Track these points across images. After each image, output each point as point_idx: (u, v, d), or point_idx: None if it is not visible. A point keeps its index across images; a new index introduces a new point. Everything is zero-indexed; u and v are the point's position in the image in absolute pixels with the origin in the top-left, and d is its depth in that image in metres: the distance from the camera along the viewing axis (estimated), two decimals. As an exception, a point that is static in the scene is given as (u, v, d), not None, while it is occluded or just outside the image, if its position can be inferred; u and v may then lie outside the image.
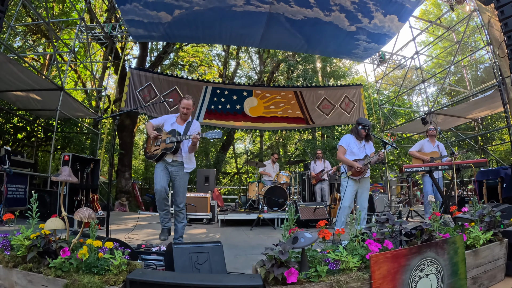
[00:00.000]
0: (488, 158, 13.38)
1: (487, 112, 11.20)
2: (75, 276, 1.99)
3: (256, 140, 24.68)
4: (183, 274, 2.45)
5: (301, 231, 2.13)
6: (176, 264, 2.60)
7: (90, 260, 2.07)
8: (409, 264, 2.24)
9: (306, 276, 1.97)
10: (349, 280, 1.99)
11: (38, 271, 2.08)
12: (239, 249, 4.77)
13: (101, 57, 16.88)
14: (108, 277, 2.01)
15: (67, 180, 2.81)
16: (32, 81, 8.23)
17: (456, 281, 2.49)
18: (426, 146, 6.30)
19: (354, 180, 4.81)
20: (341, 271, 2.07)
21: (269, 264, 1.95)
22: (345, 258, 2.09)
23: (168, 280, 1.95)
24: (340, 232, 2.44)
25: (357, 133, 5.01)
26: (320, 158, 9.24)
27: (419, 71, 12.31)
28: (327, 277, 1.98)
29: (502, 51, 7.90)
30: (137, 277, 1.99)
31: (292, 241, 2.07)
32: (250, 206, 8.52)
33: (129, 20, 9.73)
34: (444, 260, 2.45)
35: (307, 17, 9.42)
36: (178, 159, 4.34)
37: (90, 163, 7.80)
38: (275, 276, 1.90)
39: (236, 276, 2.23)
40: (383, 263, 2.12)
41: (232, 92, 12.60)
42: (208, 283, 1.93)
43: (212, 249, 2.81)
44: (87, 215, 2.39)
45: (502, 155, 16.66)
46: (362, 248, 2.31)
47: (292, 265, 1.93)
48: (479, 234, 2.89)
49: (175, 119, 4.54)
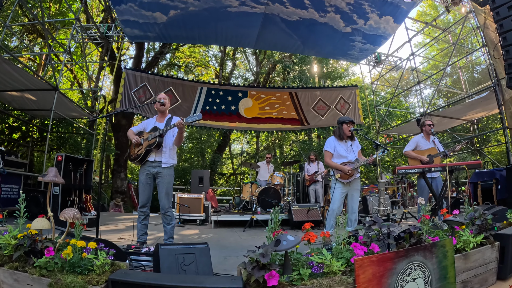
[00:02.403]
0: (484, 160, 13.38)
1: (483, 113, 11.21)
2: (59, 276, 2.02)
3: (253, 141, 24.67)
4: (165, 275, 2.45)
5: (284, 234, 2.10)
6: (162, 265, 2.61)
7: (74, 260, 2.10)
8: (395, 268, 2.20)
9: (288, 279, 1.94)
10: (332, 284, 1.95)
11: (24, 270, 2.11)
12: (230, 250, 4.73)
13: (98, 57, 16.83)
14: (91, 277, 2.03)
15: (53, 181, 2.82)
16: (27, 81, 8.19)
17: (445, 285, 2.46)
18: (421, 143, 5.94)
19: (342, 183, 4.72)
20: (324, 274, 2.03)
21: (250, 267, 1.94)
22: (328, 262, 2.06)
23: (149, 281, 1.96)
24: (325, 235, 2.40)
25: (339, 133, 4.91)
26: (314, 160, 9.20)
27: (415, 72, 12.31)
28: (309, 281, 1.95)
29: (498, 52, 7.85)
30: (119, 277, 2.00)
31: (274, 244, 2.04)
32: (244, 207, 8.48)
33: (124, 20, 9.69)
34: (432, 264, 2.41)
35: (302, 18, 9.40)
36: (159, 159, 4.27)
37: (83, 164, 7.73)
38: (256, 279, 1.88)
39: (217, 278, 2.25)
40: (368, 266, 2.08)
41: (227, 93, 12.57)
42: (189, 284, 1.93)
43: (198, 250, 2.82)
44: (72, 215, 2.43)
45: (498, 156, 16.68)
46: (348, 252, 2.28)
47: (274, 268, 1.91)
48: (469, 237, 2.85)
49: (155, 119, 4.52)
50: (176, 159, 4.51)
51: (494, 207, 4.57)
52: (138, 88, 11.31)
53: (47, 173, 2.87)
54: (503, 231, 3.32)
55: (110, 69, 14.83)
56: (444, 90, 17.63)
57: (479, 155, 13.30)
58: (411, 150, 5.93)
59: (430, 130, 5.96)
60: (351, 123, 4.89)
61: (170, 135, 4.34)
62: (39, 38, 14.77)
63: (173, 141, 4.36)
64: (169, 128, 4.16)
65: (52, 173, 2.86)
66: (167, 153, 4.31)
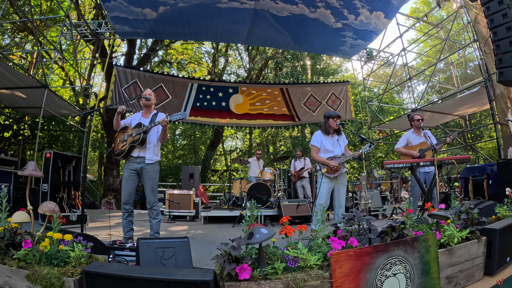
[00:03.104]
0: (476, 155, 13.44)
1: (474, 109, 11.24)
2: (36, 267, 2.07)
3: (246, 137, 24.64)
4: (137, 267, 2.53)
5: (258, 227, 2.07)
6: (141, 259, 2.63)
7: (50, 252, 2.16)
8: (374, 262, 2.17)
9: (262, 273, 1.90)
10: (307, 278, 1.92)
11: (3, 262, 2.18)
12: (216, 245, 4.67)
13: (90, 54, 16.70)
14: (66, 268, 2.07)
15: (32, 175, 2.93)
16: (17, 79, 8.14)
17: (428, 281, 2.42)
18: (412, 139, 5.91)
19: (329, 178, 4.67)
20: (300, 268, 2.00)
21: (222, 260, 1.93)
22: (303, 256, 2.02)
23: (121, 272, 2.00)
24: (302, 229, 2.37)
25: (326, 128, 4.88)
26: (301, 157, 9.19)
27: (408, 68, 12.31)
28: (284, 275, 1.92)
29: (489, 47, 7.87)
30: (92, 269, 2.04)
31: (248, 236, 2.01)
32: (234, 203, 8.48)
33: (114, 17, 9.60)
34: (414, 259, 2.38)
35: (292, 14, 9.35)
36: (143, 154, 4.25)
37: (72, 161, 7.70)
38: (229, 272, 1.86)
39: (189, 271, 2.26)
40: (345, 261, 2.05)
41: (218, 89, 12.52)
42: (158, 276, 1.95)
43: (178, 245, 2.82)
44: (50, 208, 2.49)
45: (491, 152, 16.75)
46: (326, 246, 2.24)
47: (246, 261, 1.88)
48: (454, 232, 2.80)
49: (141, 115, 4.49)
50: (159, 156, 4.50)
51: (484, 202, 4.56)
52: (129, 85, 11.22)
53: (26, 167, 2.93)
54: (490, 226, 3.25)
55: (101, 66, 14.72)
56: (437, 86, 17.68)
57: (471, 150, 13.35)
58: (402, 146, 5.90)
59: (420, 125, 5.92)
60: (337, 117, 4.86)
61: (154, 132, 4.33)
62: (30, 35, 14.62)
63: (157, 138, 4.34)
64: (153, 125, 4.13)
65: (31, 167, 2.93)
66: (151, 149, 4.29)
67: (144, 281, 1.93)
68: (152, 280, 1.93)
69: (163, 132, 4.25)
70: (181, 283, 1.91)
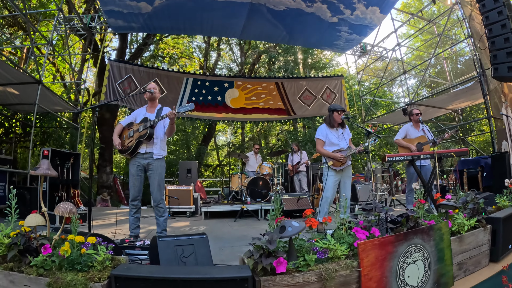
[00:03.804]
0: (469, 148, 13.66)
1: (467, 103, 11.41)
2: (58, 274, 1.90)
3: (238, 132, 24.61)
4: (169, 267, 2.38)
5: (288, 220, 2.09)
6: (161, 258, 2.53)
7: (72, 256, 1.99)
8: (396, 251, 2.24)
9: (294, 266, 1.94)
10: (338, 268, 1.97)
11: (20, 270, 1.98)
12: (224, 241, 4.72)
13: (80, 49, 16.46)
14: (92, 273, 1.92)
15: (46, 174, 2.67)
16: (9, 74, 7.91)
17: (443, 267, 2.51)
18: (411, 132, 6.03)
19: (335, 170, 4.75)
20: (329, 259, 2.04)
21: (257, 255, 1.90)
22: (333, 247, 2.07)
23: (154, 274, 1.89)
24: (327, 220, 2.41)
25: (330, 121, 4.91)
26: (297, 151, 9.25)
27: (400, 63, 12.44)
28: (316, 266, 1.96)
29: (483, 43, 8.03)
30: (122, 272, 1.91)
31: (279, 230, 2.03)
32: (233, 198, 8.49)
33: (108, 10, 9.47)
34: (430, 246, 2.46)
35: (289, 8, 9.36)
36: (151, 150, 4.18)
37: (70, 158, 7.60)
38: (263, 267, 1.86)
39: (223, 268, 2.17)
40: (371, 250, 2.11)
41: (213, 84, 12.45)
42: (195, 276, 1.87)
43: (197, 242, 2.75)
44: (68, 209, 2.29)
45: (481, 145, 17.04)
46: (349, 236, 2.29)
47: (280, 254, 1.90)
48: (463, 220, 2.92)
49: (145, 109, 4.42)
50: (166, 151, 4.45)
51: (481, 193, 4.67)
52: (123, 80, 11.10)
53: (39, 166, 2.70)
54: (494, 215, 3.39)
55: (93, 62, 14.53)
56: (428, 81, 17.88)
57: (463, 144, 13.58)
58: (401, 138, 6.01)
59: (418, 119, 6.04)
60: (342, 111, 4.90)
61: (161, 126, 4.27)
62: (20, 30, 14.33)
63: (165, 132, 4.29)
64: (160, 119, 4.06)
65: (44, 166, 2.70)
66: (158, 144, 4.23)
67: (179, 282, 1.85)
68: (188, 281, 1.85)
69: (171, 126, 4.16)
70: (219, 282, 1.85)
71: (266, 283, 1.85)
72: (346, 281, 2.00)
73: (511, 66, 6.33)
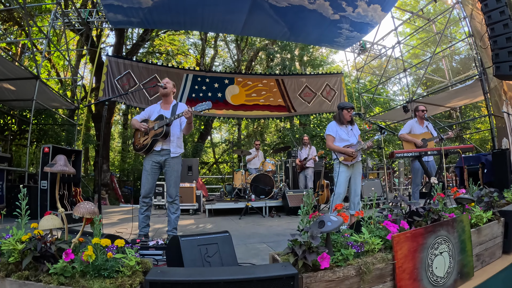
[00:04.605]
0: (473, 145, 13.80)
1: (466, 101, 11.51)
2: (83, 282, 1.70)
3: (233, 129, 24.58)
4: (210, 269, 2.26)
5: (326, 215, 2.07)
6: (185, 258, 2.41)
7: (98, 262, 1.78)
8: (425, 243, 2.27)
9: (332, 261, 1.92)
10: (375, 262, 1.98)
11: (37, 279, 1.75)
12: (235, 238, 4.58)
13: (74, 46, 16.27)
14: (122, 280, 1.73)
15: (64, 171, 2.42)
16: (6, 69, 7.77)
17: (465, 258, 2.57)
18: (415, 128, 6.08)
19: (346, 166, 4.79)
20: (365, 253, 2.05)
21: (299, 251, 1.85)
22: (369, 239, 2.07)
23: (194, 277, 1.74)
24: (359, 214, 2.41)
25: (339, 118, 4.98)
26: (307, 144, 9.08)
27: (397, 61, 12.50)
28: (354, 260, 1.96)
29: (483, 42, 8.13)
30: (157, 277, 1.74)
31: (318, 225, 2.01)
32: (237, 195, 8.44)
33: (108, 4, 9.33)
34: (454, 238, 2.51)
35: (291, 4, 9.31)
36: (167, 147, 4.14)
37: (71, 155, 7.41)
38: (304, 263, 1.83)
39: (267, 267, 1.99)
40: (404, 242, 2.12)
41: (214, 80, 12.40)
42: (239, 276, 1.77)
43: (221, 240, 2.67)
44: (89, 210, 2.07)
45: (477, 143, 17.23)
46: (379, 230, 2.30)
47: (323, 250, 1.88)
48: (481, 213, 3.01)
49: (159, 106, 4.36)
50: (183, 148, 4.40)
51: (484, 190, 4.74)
52: (122, 76, 10.99)
53: (55, 162, 2.45)
54: (507, 208, 3.49)
55: (90, 58, 14.38)
56: (423, 79, 18.01)
57: (459, 141, 13.70)
58: (406, 133, 6.04)
59: (424, 115, 6.09)
60: (351, 108, 4.96)
61: (177, 124, 4.23)
62: (15, 26, 14.12)
63: (181, 130, 4.27)
64: (176, 118, 4.03)
65: (61, 162, 2.44)
66: (175, 142, 4.19)
67: (222, 284, 1.72)
68: (232, 282, 1.73)
69: (188, 125, 4.14)
70: (265, 281, 1.75)
71: (308, 279, 1.83)
72: (381, 274, 2.01)
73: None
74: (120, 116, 23.30)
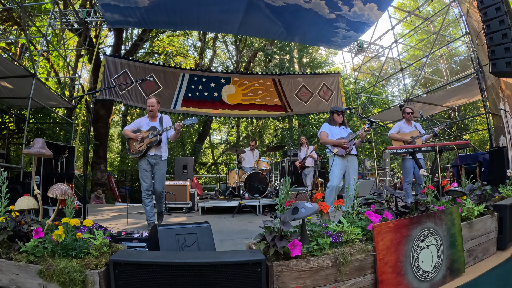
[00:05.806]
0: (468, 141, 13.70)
1: (464, 100, 11.43)
2: (50, 261, 1.74)
3: (232, 131, 24.54)
4: (174, 252, 2.24)
5: (301, 202, 2.00)
6: (162, 247, 2.38)
7: (66, 241, 1.82)
8: (410, 234, 2.19)
9: (307, 250, 1.85)
10: (353, 252, 1.91)
11: (8, 257, 1.81)
12: (224, 234, 4.69)
13: (73, 46, 16.26)
14: (88, 260, 1.76)
15: (40, 153, 2.47)
16: (4, 67, 7.76)
17: (455, 253, 2.48)
18: (403, 128, 6.30)
19: (341, 158, 4.89)
20: (343, 243, 1.97)
21: (269, 237, 1.79)
22: (347, 229, 2.00)
23: (158, 259, 1.73)
24: (339, 203, 2.34)
25: (330, 121, 5.33)
26: (304, 145, 9.06)
27: (395, 61, 12.44)
28: (330, 250, 1.88)
29: (480, 40, 8.10)
30: (121, 258, 1.75)
31: (291, 212, 1.93)
32: (231, 193, 8.36)
33: (104, 4, 9.32)
34: (442, 231, 2.43)
35: (287, 4, 9.27)
36: (159, 153, 5.09)
37: (64, 151, 7.42)
38: (276, 251, 1.76)
39: (234, 252, 1.99)
40: (386, 233, 2.05)
41: (210, 80, 12.34)
42: (204, 260, 1.72)
43: (200, 230, 2.63)
44: (62, 191, 2.12)
45: (476, 144, 17.14)
46: (361, 221, 2.23)
47: (294, 237, 1.81)
48: (472, 206, 2.92)
49: (147, 119, 5.28)
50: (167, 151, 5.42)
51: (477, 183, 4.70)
52: (119, 75, 10.95)
53: (33, 144, 2.50)
54: (501, 202, 3.41)
55: (88, 58, 14.35)
56: (422, 80, 17.97)
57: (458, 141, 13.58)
58: (395, 133, 6.30)
59: (410, 118, 6.36)
60: (342, 112, 5.35)
61: (164, 133, 5.17)
62: (14, 25, 14.09)
63: (168, 137, 5.25)
64: (168, 129, 5.04)
65: (39, 144, 2.50)
66: (164, 148, 5.20)
67: (186, 267, 1.70)
68: (196, 265, 1.70)
69: (176, 134, 5.15)
70: (230, 266, 1.71)
71: (279, 268, 1.76)
72: (361, 266, 1.94)
73: (509, 61, 6.45)
74: (119, 117, 23.28)
